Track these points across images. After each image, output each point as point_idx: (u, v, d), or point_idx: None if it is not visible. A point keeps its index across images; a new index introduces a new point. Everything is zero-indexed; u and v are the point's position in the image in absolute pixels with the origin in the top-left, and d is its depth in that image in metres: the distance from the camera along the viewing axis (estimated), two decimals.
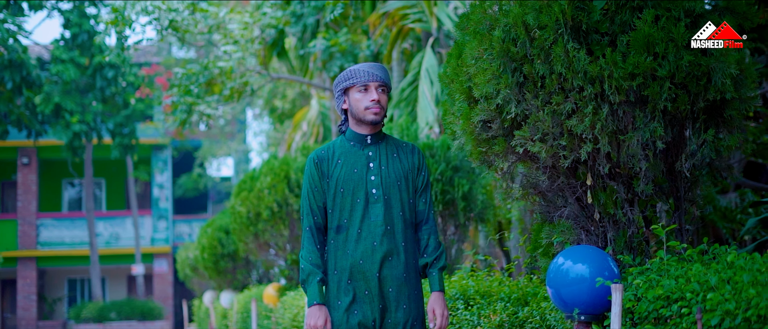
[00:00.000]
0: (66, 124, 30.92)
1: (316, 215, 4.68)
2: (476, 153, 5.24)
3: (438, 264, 4.68)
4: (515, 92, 4.88)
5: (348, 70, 4.74)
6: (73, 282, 38.02)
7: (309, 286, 4.61)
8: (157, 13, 15.23)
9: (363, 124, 4.69)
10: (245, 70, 15.57)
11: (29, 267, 34.86)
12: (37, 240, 35.23)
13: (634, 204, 5.05)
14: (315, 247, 4.66)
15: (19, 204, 35.30)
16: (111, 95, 31.52)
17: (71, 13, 31.24)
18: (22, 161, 35.20)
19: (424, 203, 4.74)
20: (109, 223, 36.28)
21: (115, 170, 38.38)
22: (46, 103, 30.31)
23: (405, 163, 4.74)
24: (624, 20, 4.78)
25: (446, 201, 9.35)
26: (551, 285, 5.01)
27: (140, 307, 33.32)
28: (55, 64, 30.66)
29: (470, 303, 7.02)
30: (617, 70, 4.64)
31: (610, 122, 4.74)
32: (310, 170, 4.75)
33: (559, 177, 5.07)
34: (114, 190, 39.03)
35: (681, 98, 4.72)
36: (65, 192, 38.85)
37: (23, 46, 30.18)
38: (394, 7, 12.82)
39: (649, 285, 4.59)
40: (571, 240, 5.25)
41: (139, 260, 34.72)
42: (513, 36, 4.84)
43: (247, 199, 13.76)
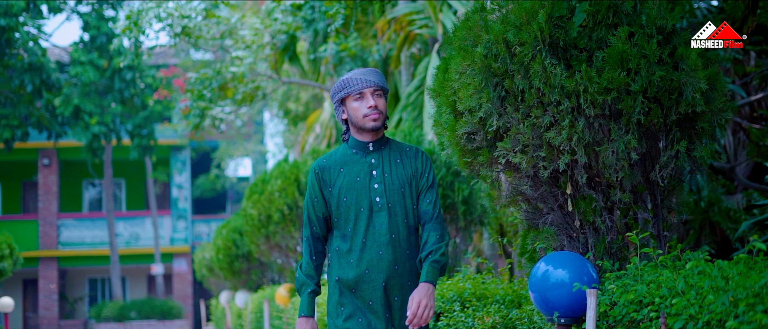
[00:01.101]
0: (85, 125, 31.31)
1: (314, 226, 4.67)
2: (462, 163, 5.48)
3: (432, 257, 4.56)
4: (497, 105, 5.11)
5: (342, 80, 4.69)
6: (93, 281, 38.45)
7: (300, 296, 4.63)
8: (170, 19, 15.52)
9: (364, 131, 4.65)
10: (257, 75, 15.84)
11: (51, 266, 35.29)
12: (58, 240, 35.65)
13: (613, 212, 5.27)
14: (310, 258, 4.66)
15: (40, 205, 35.73)
16: (129, 96, 31.91)
17: (90, 16, 31.64)
18: (43, 163, 35.62)
19: (428, 203, 4.68)
20: (129, 223, 36.66)
21: (134, 170, 38.77)
22: (65, 105, 30.72)
23: (408, 168, 4.69)
24: (600, 37, 5.01)
25: (447, 205, 9.59)
26: (533, 289, 5.24)
27: (160, 306, 33.68)
28: (75, 67, 31.06)
29: (466, 305, 7.24)
30: (592, 85, 4.86)
31: (586, 134, 4.96)
32: (312, 179, 4.72)
33: (541, 186, 5.30)
34: (134, 190, 39.42)
35: (654, 111, 4.94)
36: (86, 193, 39.28)
37: (43, 49, 30.62)
38: (401, 12, 13.06)
39: (624, 290, 4.82)
40: (554, 246, 5.48)
41: (159, 260, 35.08)
42: (494, 52, 5.07)
43: (258, 202, 14.03)
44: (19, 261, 22.20)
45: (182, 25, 15.51)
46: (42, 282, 35.11)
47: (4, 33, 29.11)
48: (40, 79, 30.55)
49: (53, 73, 30.96)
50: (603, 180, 5.19)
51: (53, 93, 31.23)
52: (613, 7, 5.03)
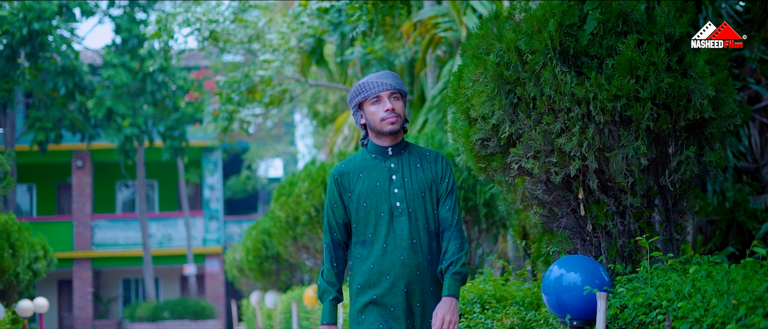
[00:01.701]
0: (118, 127, 31.64)
1: (335, 232, 4.62)
2: (477, 168, 5.59)
3: (452, 269, 4.49)
4: (509, 112, 5.22)
5: (358, 85, 4.64)
6: (127, 281, 38.81)
7: (322, 304, 4.58)
8: (198, 23, 15.72)
9: (383, 135, 4.58)
10: (284, 78, 15.99)
11: (85, 267, 35.67)
12: (92, 241, 36.02)
13: (625, 216, 5.36)
14: (331, 265, 4.60)
15: (74, 206, 36.12)
16: (161, 98, 32.22)
17: (121, 19, 31.97)
18: (77, 164, 36.00)
19: (447, 210, 4.59)
20: (161, 224, 36.97)
21: (167, 171, 39.09)
22: (98, 107, 31.05)
23: (428, 173, 4.61)
24: (610, 44, 5.10)
25: (469, 208, 9.69)
26: (546, 292, 5.34)
27: (192, 307, 33.95)
28: (107, 69, 31.39)
29: (486, 307, 7.36)
30: (602, 92, 4.96)
31: (596, 140, 5.06)
32: (331, 185, 4.65)
33: (554, 191, 5.40)
34: (166, 191, 39.74)
35: (663, 118, 5.03)
36: (119, 194, 39.64)
37: (75, 52, 30.98)
38: (426, 15, 13.16)
39: (634, 293, 4.91)
40: (568, 250, 5.58)
41: (191, 260, 35.35)
42: (506, 60, 5.18)
43: (285, 204, 14.18)
44: (54, 262, 22.48)
45: (210, 30, 15.71)
46: (76, 283, 35.50)
47: (37, 37, 29.48)
48: (73, 82, 30.92)
49: (86, 76, 31.33)
50: (614, 185, 5.28)
51: (86, 96, 31.58)
52: (623, 15, 5.12)
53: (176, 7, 16.77)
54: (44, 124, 31.31)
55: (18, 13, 29.24)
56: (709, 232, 12.43)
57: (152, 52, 20.37)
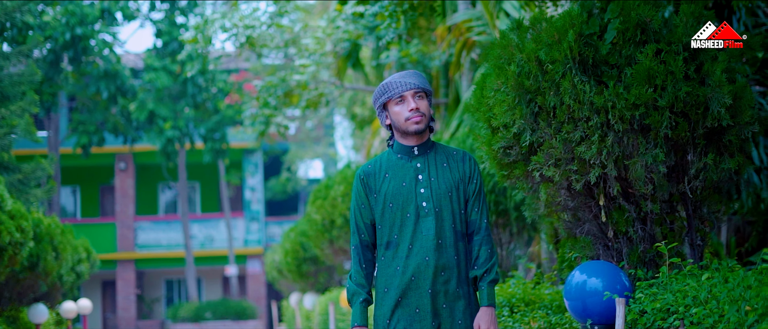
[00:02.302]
0: (159, 130, 31.98)
1: (362, 233, 4.56)
2: (500, 176, 5.69)
3: (488, 277, 4.48)
4: (530, 121, 5.32)
5: (381, 85, 4.59)
6: (170, 282, 39.19)
7: (352, 306, 4.53)
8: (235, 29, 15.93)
9: (408, 135, 4.52)
10: (319, 83, 16.15)
11: (128, 268, 36.09)
12: (135, 243, 36.42)
13: (646, 222, 5.43)
14: (360, 266, 4.54)
15: (117, 208, 36.55)
16: (202, 101, 32.54)
17: (162, 23, 32.33)
18: (120, 167, 36.43)
19: (476, 213, 4.54)
20: (203, 225, 37.28)
21: (208, 173, 39.42)
22: (140, 110, 31.42)
23: (455, 172, 4.55)
24: (629, 54, 5.18)
25: (499, 211, 9.77)
26: (568, 297, 5.44)
27: (234, 307, 34.22)
28: (148, 73, 31.75)
29: (514, 310, 7.46)
30: (620, 101, 5.05)
31: (615, 148, 5.15)
32: (357, 186, 4.61)
33: (576, 197, 5.49)
34: (208, 193, 40.08)
35: (681, 126, 5.11)
36: (161, 195, 40.03)
37: (117, 56, 31.39)
38: (460, 19, 13.25)
39: (653, 298, 5.00)
40: (591, 255, 5.67)
41: (233, 261, 35.62)
42: (526, 70, 5.28)
43: (321, 207, 14.33)
44: (97, 264, 22.82)
45: (247, 35, 15.91)
46: (120, 284, 35.92)
47: (80, 41, 29.91)
48: (115, 85, 31.34)
49: (128, 79, 31.73)
50: (635, 192, 5.36)
51: (128, 99, 31.98)
52: (642, 24, 5.20)
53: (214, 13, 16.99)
54: (87, 127, 31.76)
55: (61, 19, 29.68)
56: (746, 233, 12.42)
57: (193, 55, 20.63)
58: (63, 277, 18.88)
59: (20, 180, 17.12)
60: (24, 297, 17.30)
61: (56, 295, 19.31)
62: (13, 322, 16.56)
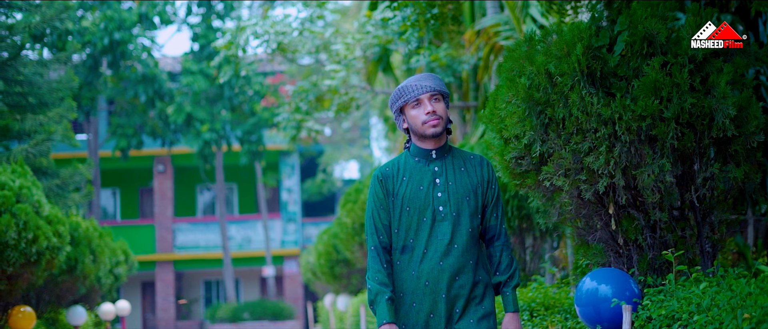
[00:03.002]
0: (197, 133, 32.36)
1: (381, 234, 4.51)
2: (512, 185, 5.84)
3: (512, 283, 4.51)
4: (540, 132, 5.46)
5: (398, 89, 4.59)
6: (208, 283, 39.59)
7: (378, 306, 4.43)
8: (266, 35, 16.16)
9: (426, 139, 4.51)
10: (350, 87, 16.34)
11: (167, 269, 36.52)
12: (173, 244, 36.84)
13: (655, 230, 5.56)
14: (381, 266, 4.47)
15: (156, 210, 36.99)
16: (238, 103, 32.87)
17: (199, 27, 32.71)
18: (158, 169, 36.87)
19: (495, 218, 4.55)
20: (241, 226, 37.61)
21: (245, 175, 39.76)
22: (177, 113, 31.80)
23: (473, 177, 4.54)
24: (636, 66, 5.31)
25: (522, 216, 9.89)
26: (578, 303, 5.57)
27: (272, 308, 34.52)
28: (186, 76, 32.14)
29: (534, 314, 7.59)
30: (627, 112, 5.18)
31: (623, 158, 5.28)
32: (374, 187, 4.57)
33: (587, 206, 5.63)
34: (245, 194, 40.43)
35: (687, 136, 5.24)
36: (200, 197, 40.44)
37: (155, 60, 31.82)
38: (487, 24, 13.36)
39: (659, 305, 5.12)
40: (602, 262, 5.80)
41: (270, 262, 35.92)
42: (536, 83, 5.42)
43: (352, 210, 14.50)
44: (135, 266, 23.18)
45: (278, 42, 16.14)
46: (159, 285, 36.35)
47: (118, 46, 30.34)
48: (153, 89, 31.76)
49: (165, 83, 32.14)
50: (644, 200, 5.49)
51: (166, 102, 32.39)
52: (649, 37, 5.32)
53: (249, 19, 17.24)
54: (126, 130, 32.20)
55: (99, 24, 30.12)
56: None
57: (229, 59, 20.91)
58: (101, 279, 19.22)
59: (58, 185, 17.45)
60: (63, 299, 17.64)
61: (95, 297, 19.65)
62: (52, 324, 16.90)
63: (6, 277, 12.35)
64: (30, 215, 12.30)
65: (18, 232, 12.07)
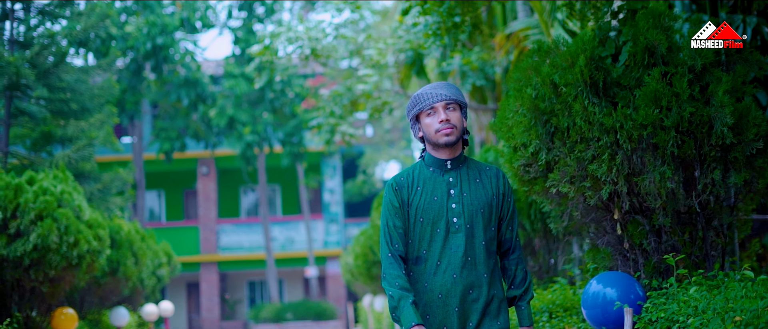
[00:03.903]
0: (239, 135, 32.74)
1: (396, 242, 4.43)
2: (522, 192, 6.03)
3: (526, 297, 4.47)
4: (546, 141, 5.64)
5: (413, 97, 4.52)
6: (252, 284, 39.98)
7: (402, 311, 4.32)
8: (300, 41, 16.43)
9: (440, 148, 4.43)
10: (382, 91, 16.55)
11: (211, 270, 36.94)
12: (217, 245, 37.26)
13: (660, 235, 5.72)
14: (400, 271, 4.38)
15: (200, 211, 37.43)
16: (280, 106, 33.21)
17: (240, 30, 33.10)
18: (202, 171, 37.31)
19: (510, 231, 4.49)
20: (284, 227, 37.94)
21: (288, 176, 40.10)
22: (220, 116, 32.21)
23: (489, 189, 4.46)
24: (637, 76, 5.48)
25: (544, 218, 10.03)
26: (585, 306, 5.75)
27: (314, 308, 34.81)
28: (228, 79, 32.54)
29: (553, 316, 7.77)
30: (628, 121, 5.35)
31: (625, 166, 5.45)
32: (389, 196, 4.49)
33: (592, 211, 5.80)
34: (288, 195, 40.77)
35: (688, 144, 5.39)
36: (243, 198, 40.83)
37: (198, 64, 32.28)
38: (517, 27, 13.51)
39: (660, 308, 5.29)
40: (611, 265, 5.97)
41: (313, 263, 36.20)
42: (542, 93, 5.61)
43: None
44: (177, 268, 23.54)
45: (311, 48, 16.41)
46: (204, 285, 36.79)
47: (161, 51, 30.82)
48: (195, 92, 32.20)
49: (207, 86, 32.58)
50: (647, 206, 5.65)
51: (208, 105, 32.82)
52: (651, 48, 5.48)
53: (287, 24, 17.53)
54: (169, 133, 32.67)
55: (142, 29, 30.61)
56: None
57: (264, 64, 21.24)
58: (144, 281, 19.59)
59: (100, 189, 17.84)
60: (106, 300, 18.03)
61: (138, 298, 20.03)
62: (95, 325, 17.28)
63: (48, 280, 12.72)
64: (71, 220, 12.67)
65: (59, 236, 12.44)
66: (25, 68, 15.79)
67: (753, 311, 4.38)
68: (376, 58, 15.88)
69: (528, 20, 13.54)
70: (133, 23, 30.92)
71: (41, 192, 12.67)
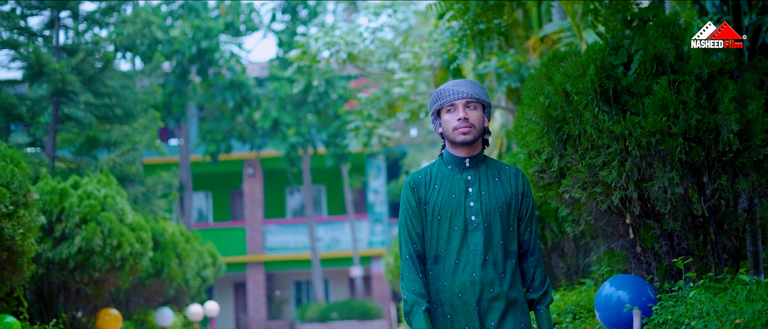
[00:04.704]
0: (283, 136, 33.07)
1: (415, 243, 4.38)
2: (537, 197, 6.19)
3: (545, 300, 4.40)
4: (558, 148, 5.81)
5: (436, 92, 4.45)
6: (298, 283, 40.32)
7: (414, 317, 4.30)
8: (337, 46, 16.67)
9: (457, 146, 4.38)
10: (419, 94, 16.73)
11: (258, 270, 37.32)
12: (263, 245, 37.63)
13: (671, 238, 5.86)
14: (417, 276, 4.34)
15: (246, 212, 37.83)
16: (323, 107, 33.49)
17: (284, 33, 33.43)
18: (248, 172, 37.69)
19: (529, 233, 4.42)
20: (329, 228, 38.22)
21: (333, 177, 40.39)
22: (264, 118, 32.56)
23: (508, 188, 4.41)
24: (647, 84, 5.63)
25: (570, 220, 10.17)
26: (598, 308, 5.91)
27: (360, 307, 35.01)
28: (272, 82, 32.89)
29: (577, 316, 7.91)
30: (637, 129, 5.50)
31: (634, 172, 5.60)
32: (406, 195, 4.45)
33: (604, 216, 5.95)
34: (333, 196, 41.05)
35: (695, 151, 5.53)
36: (289, 199, 41.18)
37: (243, 67, 32.67)
38: (551, 30, 13.65)
39: (668, 310, 5.43)
40: (625, 268, 6.12)
41: (358, 262, 36.43)
42: (554, 101, 5.77)
43: None
44: (222, 268, 23.91)
45: (347, 53, 16.64)
46: (250, 285, 37.18)
47: (205, 54, 31.24)
48: (240, 95, 32.59)
49: (252, 89, 32.95)
50: (658, 211, 5.79)
51: (253, 108, 33.19)
52: (659, 57, 5.63)
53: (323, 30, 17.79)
54: (215, 135, 33.10)
55: (187, 33, 31.06)
56: None
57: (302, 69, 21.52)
58: (189, 282, 19.96)
59: (143, 193, 18.21)
60: (152, 301, 18.40)
61: (183, 299, 20.39)
62: (141, 325, 17.64)
63: (93, 282, 13.06)
64: (114, 223, 13.02)
65: (103, 239, 12.79)
66: (71, 75, 16.18)
67: (752, 314, 4.52)
68: (412, 62, 16.06)
69: (561, 23, 13.67)
70: (178, 27, 31.37)
71: (85, 196, 13.03)
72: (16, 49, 16.45)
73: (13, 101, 16.10)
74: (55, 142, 16.84)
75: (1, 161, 9.47)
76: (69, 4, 17.33)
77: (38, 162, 16.23)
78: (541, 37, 14.14)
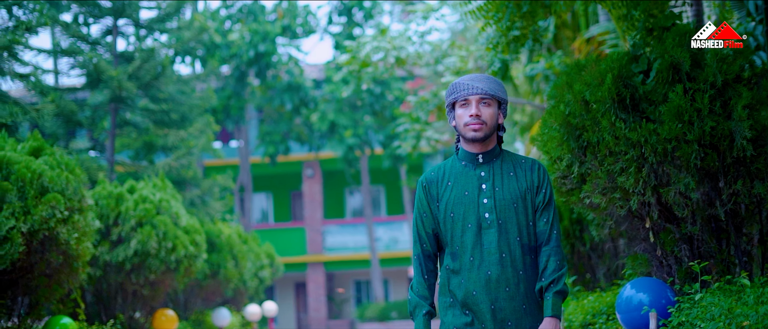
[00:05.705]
0: (340, 138, 33.40)
1: (424, 243, 4.35)
2: (560, 202, 6.37)
3: (554, 288, 4.22)
4: (578, 155, 5.98)
5: (452, 85, 4.37)
6: (358, 283, 40.65)
7: (415, 319, 4.35)
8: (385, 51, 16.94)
9: (469, 142, 4.30)
10: None
11: (318, 270, 37.70)
12: (323, 246, 38.01)
13: (690, 242, 6.00)
14: (422, 278, 4.33)
15: (306, 213, 38.22)
16: (380, 109, 33.76)
17: (340, 36, 33.76)
18: (307, 173, 38.09)
19: (545, 223, 4.29)
20: (388, 227, 38.47)
21: (391, 177, 40.64)
22: (322, 120, 32.92)
23: (523, 182, 4.31)
24: (663, 92, 5.79)
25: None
26: (619, 310, 6.07)
27: None
28: (329, 84, 33.26)
29: (610, 317, 8.07)
30: (653, 136, 5.66)
31: (651, 178, 5.76)
32: (419, 194, 4.41)
33: (626, 220, 6.12)
34: (392, 196, 41.30)
35: (711, 156, 5.68)
36: (349, 199, 41.52)
37: (300, 69, 33.09)
38: (595, 32, 13.72)
39: (685, 312, 5.59)
40: (647, 271, 6.28)
41: None
42: (573, 109, 5.95)
43: None
44: (280, 268, 24.25)
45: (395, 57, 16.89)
46: (311, 285, 37.57)
47: (263, 57, 31.70)
48: (298, 97, 33.00)
49: (310, 91, 33.34)
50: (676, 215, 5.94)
51: (310, 110, 33.58)
52: (675, 65, 5.78)
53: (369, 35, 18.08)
54: (273, 137, 33.55)
55: (245, 37, 31.54)
56: None
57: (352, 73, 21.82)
58: (246, 282, 20.33)
59: (200, 196, 18.62)
60: (209, 301, 18.82)
61: (241, 299, 20.78)
62: (198, 326, 18.05)
63: (149, 283, 13.47)
64: (169, 226, 13.41)
65: (158, 242, 13.19)
66: (128, 82, 16.63)
67: (758, 316, 4.67)
68: (459, 65, 16.25)
69: (607, 25, 13.73)
70: (236, 31, 31.85)
71: (141, 200, 13.44)
72: (75, 57, 16.94)
73: (74, 108, 16.58)
74: (114, 146, 17.31)
75: (56, 169, 9.83)
76: (127, 11, 17.79)
77: (98, 167, 16.70)
78: (586, 38, 14.22)
